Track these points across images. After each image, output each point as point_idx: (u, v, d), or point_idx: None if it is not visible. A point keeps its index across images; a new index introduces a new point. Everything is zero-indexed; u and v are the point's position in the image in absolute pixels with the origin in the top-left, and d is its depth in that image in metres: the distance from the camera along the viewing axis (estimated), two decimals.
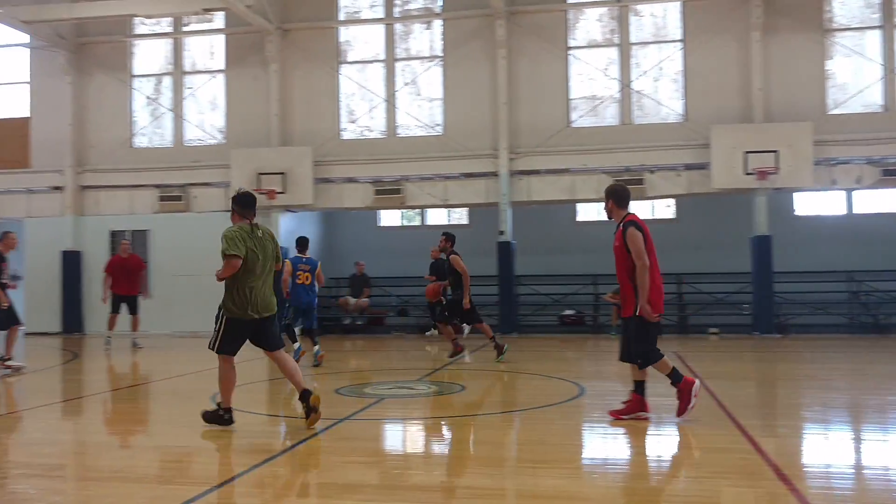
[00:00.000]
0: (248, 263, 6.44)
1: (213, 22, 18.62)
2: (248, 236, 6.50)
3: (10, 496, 4.81)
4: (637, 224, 6.53)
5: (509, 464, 5.71)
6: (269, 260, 6.67)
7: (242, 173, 17.52)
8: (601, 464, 5.66)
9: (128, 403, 8.93)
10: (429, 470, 5.52)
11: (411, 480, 5.11)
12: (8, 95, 19.81)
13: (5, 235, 11.31)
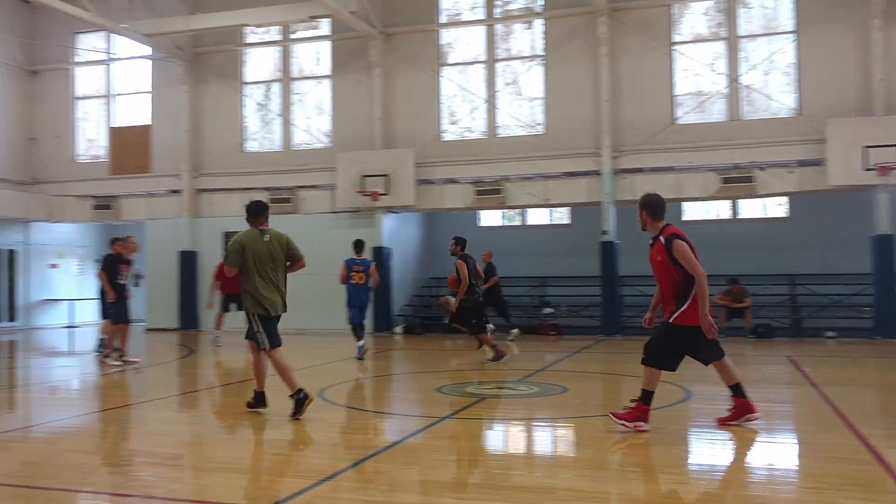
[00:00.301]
0: (256, 266, 7.13)
1: (319, 29, 19.15)
2: (251, 243, 7.14)
3: (133, 482, 5.10)
4: (680, 236, 6.36)
5: (612, 467, 5.62)
6: (279, 261, 7.27)
7: (347, 175, 17.95)
8: (708, 470, 5.49)
9: (239, 397, 9.29)
10: (530, 470, 5.50)
11: (513, 481, 5.10)
12: (132, 105, 21.02)
13: (126, 240, 12.05)
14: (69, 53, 21.27)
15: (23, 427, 7.49)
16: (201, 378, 11.31)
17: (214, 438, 6.78)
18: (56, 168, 21.23)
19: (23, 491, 4.85)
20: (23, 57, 21.05)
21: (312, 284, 18.70)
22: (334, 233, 18.67)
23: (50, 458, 5.89)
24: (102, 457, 5.97)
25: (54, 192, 20.93)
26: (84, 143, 21.45)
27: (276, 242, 7.29)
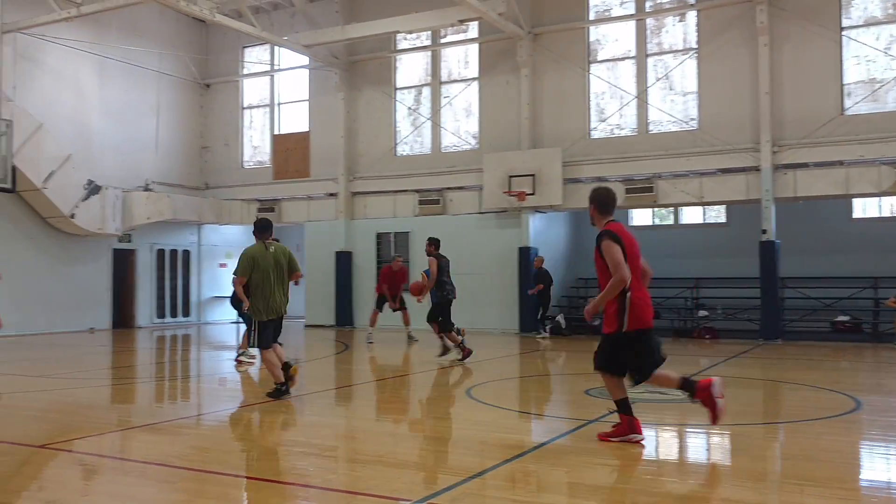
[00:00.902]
0: (262, 276, 8.21)
1: (468, 32, 19.41)
2: (260, 256, 8.27)
3: (292, 472, 5.39)
4: (613, 234, 5.87)
5: (772, 478, 5.33)
6: (282, 271, 8.37)
7: (494, 176, 18.07)
8: (883, 487, 5.08)
9: (391, 393, 9.59)
10: (683, 478, 5.32)
11: (664, 487, 4.95)
12: (292, 113, 22.19)
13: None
14: (238, 66, 22.75)
15: (195, 415, 8.09)
16: (355, 373, 11.75)
17: (367, 432, 7.02)
18: (225, 174, 22.77)
19: (194, 474, 5.24)
20: (197, 72, 22.73)
21: (459, 285, 18.98)
22: (481, 233, 18.86)
23: (218, 445, 6.33)
24: (264, 445, 6.34)
25: (223, 197, 22.45)
26: (250, 150, 22.88)
27: (280, 254, 8.43)
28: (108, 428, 7.10)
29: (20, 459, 5.80)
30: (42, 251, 18.39)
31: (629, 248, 5.87)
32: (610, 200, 6.20)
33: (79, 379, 10.15)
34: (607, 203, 6.17)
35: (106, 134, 20.04)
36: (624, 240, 5.86)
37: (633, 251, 5.92)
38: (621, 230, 5.97)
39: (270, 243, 8.50)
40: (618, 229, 5.96)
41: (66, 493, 4.91)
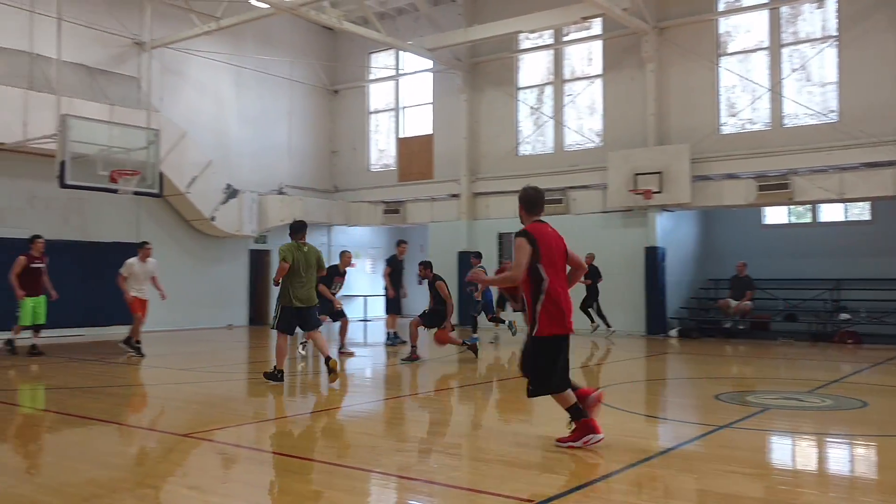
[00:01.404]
0: (294, 268, 9.33)
1: (591, 29, 19.13)
2: (296, 250, 9.44)
3: (416, 468, 5.50)
4: (528, 234, 5.78)
5: None
6: (311, 267, 9.55)
7: (619, 175, 17.73)
8: None
9: (513, 392, 9.59)
10: (822, 490, 5.04)
11: (801, 499, 4.71)
12: (417, 116, 22.60)
13: (342, 255, 13.41)
14: (364, 72, 23.41)
15: (325, 409, 8.39)
16: (479, 373, 11.82)
17: (490, 431, 7.06)
18: (353, 177, 23.48)
19: (324, 466, 5.44)
20: (326, 78, 23.56)
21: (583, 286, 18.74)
22: (606, 233, 18.55)
23: (346, 438, 6.54)
24: (389, 441, 6.50)
25: (351, 199, 23.15)
26: (376, 154, 23.48)
27: (311, 253, 9.62)
28: (244, 419, 7.48)
29: (167, 447, 6.21)
30: (186, 251, 19.60)
31: (545, 251, 5.79)
32: (536, 200, 6.09)
33: (218, 372, 10.74)
34: (533, 203, 6.07)
35: (243, 140, 21.12)
36: (541, 242, 5.79)
37: (550, 254, 5.82)
38: (540, 231, 5.88)
39: (304, 243, 9.62)
40: (536, 230, 5.88)
41: (207, 479, 5.22)
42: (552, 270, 5.81)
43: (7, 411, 7.85)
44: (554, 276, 5.81)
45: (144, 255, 12.70)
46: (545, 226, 5.99)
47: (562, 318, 5.82)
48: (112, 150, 14.87)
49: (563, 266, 5.98)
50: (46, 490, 4.82)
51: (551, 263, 5.82)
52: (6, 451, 6.09)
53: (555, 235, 5.98)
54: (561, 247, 5.98)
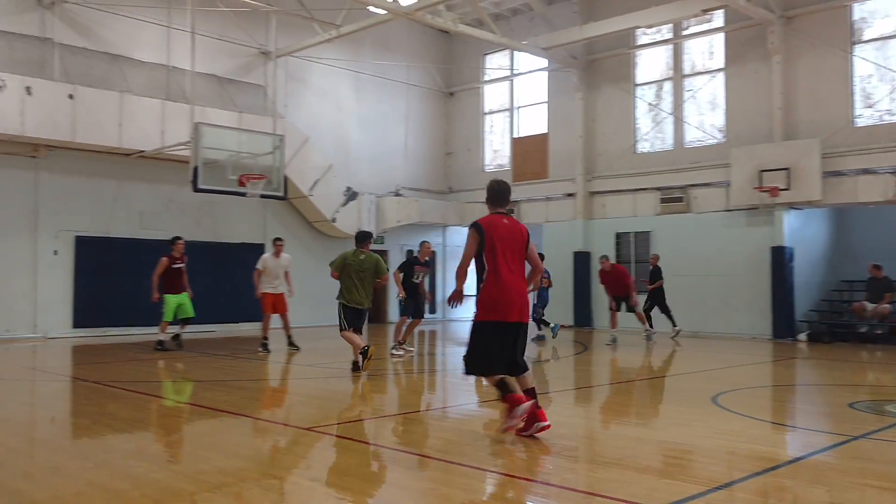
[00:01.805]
0: (348, 274, 10.40)
1: (712, 22, 18.48)
2: (351, 258, 10.46)
3: (532, 468, 5.49)
4: (479, 226, 6.06)
5: None
6: (367, 273, 10.44)
7: (743, 172, 17.05)
8: None
9: (630, 396, 9.41)
10: None
11: None
12: (531, 116, 22.53)
13: (422, 245, 13.42)
14: (479, 73, 23.55)
15: (441, 407, 8.51)
16: (595, 374, 11.67)
17: (607, 434, 6.96)
18: (467, 178, 23.66)
19: (441, 464, 5.52)
20: (441, 81, 23.86)
21: (705, 286, 18.17)
22: (729, 232, 17.90)
23: (463, 437, 6.61)
24: (505, 441, 6.51)
25: (465, 200, 23.33)
26: (490, 154, 23.57)
27: (368, 261, 10.52)
28: (363, 415, 7.69)
29: (291, 440, 6.48)
30: (308, 252, 20.32)
31: (490, 242, 6.03)
32: (498, 193, 6.29)
33: (339, 369, 11.07)
34: (495, 195, 6.30)
35: (362, 144, 21.69)
36: (489, 233, 6.03)
37: (502, 245, 6.06)
38: (491, 223, 6.11)
39: (363, 251, 10.59)
40: (487, 222, 6.12)
41: (328, 473, 5.40)
42: (499, 260, 6.06)
43: (148, 402, 8.40)
44: (499, 266, 6.05)
45: (278, 250, 13.31)
46: (500, 218, 6.20)
47: (498, 307, 6.05)
48: (240, 155, 15.64)
49: (518, 258, 6.20)
50: (181, 477, 5.13)
51: (498, 254, 6.06)
52: (146, 439, 6.52)
53: (510, 228, 6.17)
54: (517, 240, 6.17)
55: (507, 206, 6.39)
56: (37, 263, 15.95)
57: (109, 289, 16.75)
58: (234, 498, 4.62)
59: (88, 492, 4.69)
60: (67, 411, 8.20)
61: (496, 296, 6.06)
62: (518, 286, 6.14)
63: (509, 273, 6.10)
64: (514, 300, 6.09)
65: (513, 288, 6.10)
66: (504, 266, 6.07)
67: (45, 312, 16.00)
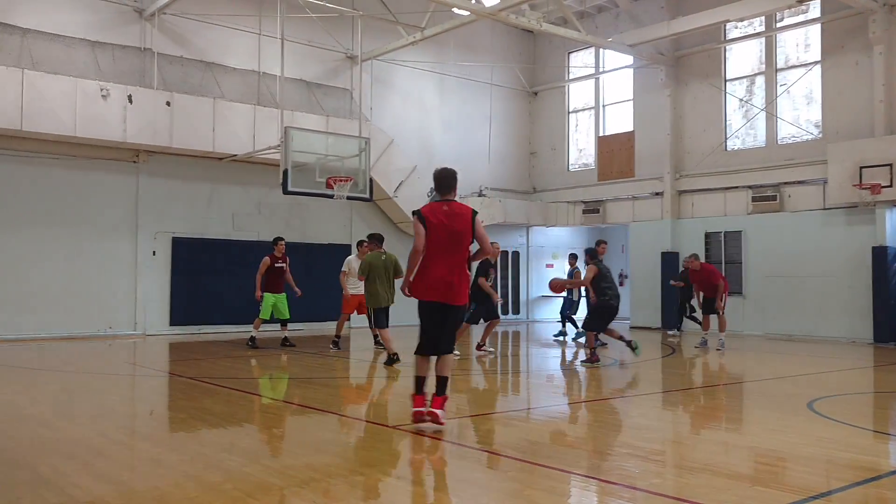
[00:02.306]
0: (373, 276, 11.83)
1: (808, 13, 17.77)
2: (375, 260, 11.92)
3: (617, 472, 5.41)
4: (419, 213, 6.42)
5: None
6: (389, 273, 11.88)
7: (841, 168, 16.33)
8: None
9: (719, 400, 9.15)
10: None
11: None
12: (617, 114, 22.19)
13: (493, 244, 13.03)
14: (563, 72, 23.35)
15: (525, 408, 8.48)
16: (683, 378, 11.40)
17: (696, 439, 6.80)
18: (551, 177, 23.49)
19: (525, 465, 5.51)
20: (525, 80, 23.77)
21: (800, 288, 17.51)
22: (826, 231, 17.19)
23: (547, 439, 6.57)
24: (590, 443, 6.44)
25: (549, 200, 23.18)
26: (575, 153, 23.33)
27: (389, 261, 11.97)
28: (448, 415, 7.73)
29: (377, 437, 6.58)
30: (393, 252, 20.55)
31: (434, 229, 6.34)
32: (437, 181, 6.55)
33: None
34: (437, 184, 6.57)
35: (445, 145, 21.82)
36: (431, 219, 6.35)
37: (438, 232, 6.34)
38: (432, 210, 6.42)
39: (382, 252, 12.02)
40: (429, 209, 6.44)
41: (413, 470, 5.47)
42: (433, 247, 6.39)
43: (241, 398, 8.69)
44: (431, 252, 6.40)
45: (363, 252, 13.52)
46: (440, 205, 6.48)
47: (426, 289, 6.46)
48: (328, 158, 15.98)
49: (455, 243, 6.42)
50: (271, 471, 5.28)
51: (435, 240, 6.39)
52: (239, 434, 6.74)
53: (450, 214, 6.42)
54: (455, 226, 6.40)
55: (453, 192, 6.60)
56: (137, 264, 16.72)
57: (204, 288, 17.40)
58: (321, 493, 4.73)
59: (185, 483, 4.89)
60: (165, 405, 8.56)
61: (424, 279, 6.46)
62: (448, 269, 6.42)
63: (441, 255, 6.41)
64: (438, 284, 6.42)
65: (437, 273, 6.42)
66: (436, 251, 6.41)
67: (144, 311, 16.75)
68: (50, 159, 15.68)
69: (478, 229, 6.52)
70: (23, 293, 15.29)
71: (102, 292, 16.22)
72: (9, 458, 5.48)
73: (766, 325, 17.93)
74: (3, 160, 15.18)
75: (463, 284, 6.54)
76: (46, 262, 15.59)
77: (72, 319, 15.83)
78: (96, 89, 15.21)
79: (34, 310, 15.40)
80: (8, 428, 6.62)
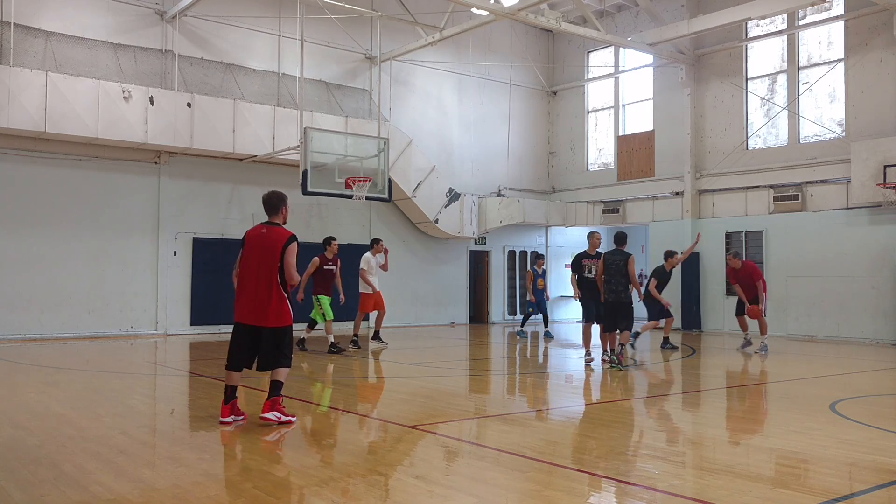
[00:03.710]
0: None
1: (831, 10, 17.58)
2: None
3: (637, 473, 5.38)
4: (243, 238, 6.93)
5: None
6: None
7: (865, 167, 16.14)
8: None
9: (741, 401, 9.08)
10: None
11: None
12: (637, 113, 22.07)
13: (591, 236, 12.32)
14: (583, 71, 23.26)
15: (544, 408, 8.46)
16: (703, 379, 11.31)
17: (717, 440, 6.75)
18: (570, 177, 23.41)
19: (543, 465, 5.49)
20: (544, 80, 23.70)
21: (822, 288, 17.33)
22: (849, 231, 16.99)
23: (565, 439, 6.55)
24: (609, 444, 6.41)
25: (568, 199, 23.10)
26: (594, 153, 23.23)
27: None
28: (466, 415, 7.74)
29: (395, 437, 6.59)
30: (412, 252, 20.63)
31: (245, 250, 6.81)
32: (263, 204, 7.03)
33: (441, 368, 11.19)
34: (264, 206, 7.03)
35: (464, 145, 21.82)
36: (246, 243, 6.85)
37: (248, 252, 6.77)
38: (250, 233, 6.90)
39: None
40: (248, 234, 6.91)
41: (431, 470, 5.47)
42: (243, 265, 6.81)
43: (259, 397, 8.73)
44: (242, 271, 6.81)
45: (377, 250, 13.66)
46: (259, 227, 6.92)
47: (238, 308, 6.80)
48: (347, 158, 16.03)
49: (267, 264, 6.69)
50: (290, 470, 5.31)
51: (244, 260, 6.80)
52: (258, 433, 6.78)
53: (265, 237, 6.79)
54: (268, 247, 6.71)
55: (275, 214, 7.00)
56: (158, 264, 16.87)
57: (224, 288, 17.45)
58: (340, 493, 4.74)
59: (205, 482, 4.92)
60: (185, 404, 8.63)
61: (237, 299, 6.81)
62: (255, 291, 6.69)
63: (251, 278, 6.73)
64: (246, 303, 6.73)
65: (243, 291, 6.77)
66: (247, 271, 6.77)
67: (165, 310, 16.90)
68: (73, 161, 15.86)
69: (286, 254, 6.73)
70: (46, 293, 15.48)
71: (124, 292, 16.39)
72: (33, 456, 5.55)
73: (787, 325, 17.76)
74: (28, 162, 15.37)
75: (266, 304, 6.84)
76: (69, 262, 15.77)
77: (94, 319, 16.01)
78: (118, 91, 15.37)
79: (57, 309, 15.59)
80: (32, 426, 6.70)
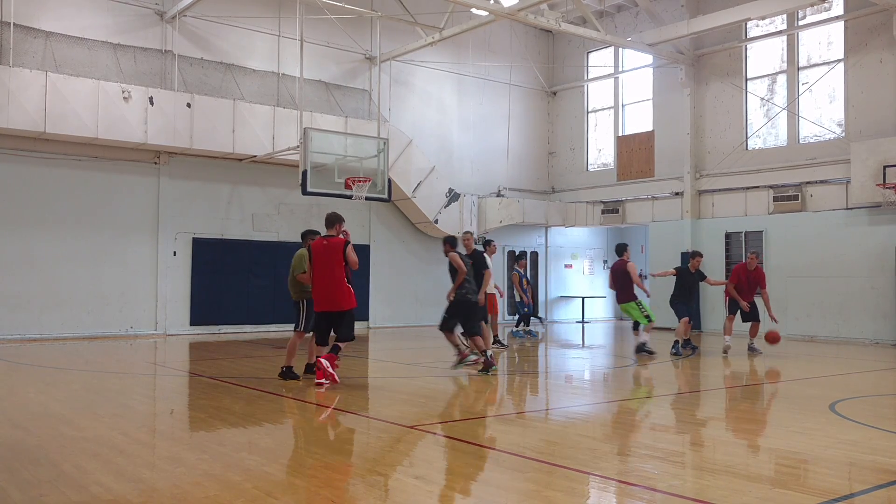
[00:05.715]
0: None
1: (830, 10, 17.59)
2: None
3: (636, 474, 5.38)
4: (308, 247, 9.67)
5: None
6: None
7: (864, 168, 16.15)
8: None
9: (740, 402, 9.08)
10: None
11: None
12: (636, 113, 22.08)
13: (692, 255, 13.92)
14: (582, 72, 23.27)
15: (544, 409, 8.46)
16: (703, 379, 11.31)
17: (716, 440, 6.75)
18: (570, 177, 23.42)
19: (543, 466, 5.49)
20: (544, 80, 23.71)
21: (821, 288, 17.34)
22: (848, 231, 17.00)
23: (566, 440, 6.55)
24: (610, 444, 6.41)
25: (568, 200, 23.11)
26: (594, 153, 23.24)
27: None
28: (466, 415, 7.74)
29: (395, 437, 6.59)
30: (411, 252, 20.63)
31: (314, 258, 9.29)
32: (326, 221, 9.48)
33: (442, 368, 11.18)
34: (325, 224, 9.49)
35: (464, 146, 21.83)
36: (313, 253, 9.31)
37: (317, 259, 9.22)
38: (314, 246, 9.38)
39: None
40: (312, 246, 9.43)
41: (431, 470, 5.47)
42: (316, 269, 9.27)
43: (260, 397, 8.74)
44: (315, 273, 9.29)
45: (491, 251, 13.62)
46: (321, 240, 9.34)
47: (315, 299, 9.40)
48: (347, 158, 16.03)
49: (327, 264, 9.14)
50: (290, 470, 5.31)
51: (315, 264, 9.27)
52: (258, 433, 6.78)
53: (327, 246, 9.22)
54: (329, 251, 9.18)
55: (331, 228, 9.39)
56: (158, 264, 16.87)
57: (224, 288, 17.52)
58: (340, 493, 4.74)
59: (205, 482, 4.92)
60: (185, 405, 8.63)
61: (314, 294, 9.39)
62: (326, 286, 9.17)
63: (323, 277, 9.17)
64: (321, 295, 9.23)
65: (321, 287, 9.21)
66: (319, 273, 9.19)
67: (164, 311, 16.90)
68: (72, 161, 15.86)
69: (347, 252, 9.13)
70: (45, 293, 15.48)
71: (124, 292, 16.39)
72: (32, 456, 5.55)
73: (787, 326, 17.76)
74: (27, 162, 15.38)
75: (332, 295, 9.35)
76: (69, 262, 15.77)
77: (94, 319, 16.01)
78: (118, 91, 15.37)
79: (57, 310, 15.59)
80: (31, 426, 6.70)
